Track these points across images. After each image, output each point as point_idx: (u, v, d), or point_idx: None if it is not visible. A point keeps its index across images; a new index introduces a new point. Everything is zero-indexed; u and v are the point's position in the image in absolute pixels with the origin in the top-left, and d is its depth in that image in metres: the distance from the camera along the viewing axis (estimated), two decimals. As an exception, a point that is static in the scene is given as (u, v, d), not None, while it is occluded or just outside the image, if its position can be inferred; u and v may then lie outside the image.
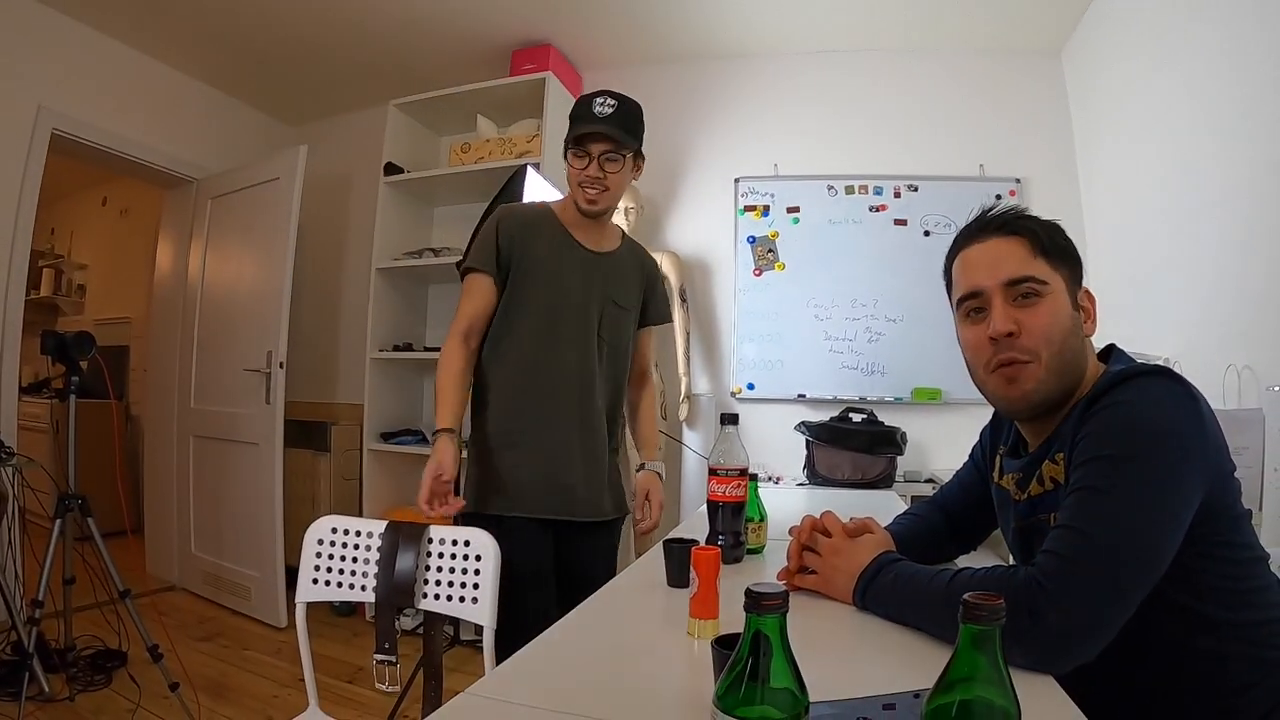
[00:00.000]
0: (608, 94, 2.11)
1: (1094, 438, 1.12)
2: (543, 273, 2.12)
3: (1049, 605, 1.00)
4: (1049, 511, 1.23)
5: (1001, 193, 4.07)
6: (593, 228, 2.21)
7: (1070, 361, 1.23)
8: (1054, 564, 1.03)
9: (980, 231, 1.30)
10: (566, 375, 2.11)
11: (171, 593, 4.43)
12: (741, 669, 0.70)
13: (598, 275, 2.18)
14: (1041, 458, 1.27)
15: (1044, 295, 1.22)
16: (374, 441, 4.28)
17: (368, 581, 1.85)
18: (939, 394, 4.04)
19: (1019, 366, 1.23)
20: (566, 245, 2.17)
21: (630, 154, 2.14)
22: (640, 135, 2.18)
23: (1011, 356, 1.23)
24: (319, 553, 1.87)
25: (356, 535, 1.88)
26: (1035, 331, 1.22)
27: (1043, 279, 1.23)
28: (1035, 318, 1.22)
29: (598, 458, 2.16)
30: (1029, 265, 1.23)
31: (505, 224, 2.16)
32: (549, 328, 2.10)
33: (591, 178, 2.07)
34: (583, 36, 4.32)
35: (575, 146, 2.08)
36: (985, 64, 4.23)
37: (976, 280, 1.27)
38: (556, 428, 2.09)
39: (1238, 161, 2.64)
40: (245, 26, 4.12)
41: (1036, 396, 1.24)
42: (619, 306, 2.22)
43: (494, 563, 1.79)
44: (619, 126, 2.08)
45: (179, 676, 2.90)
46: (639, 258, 2.35)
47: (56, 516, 2.86)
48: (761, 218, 4.35)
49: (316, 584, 1.86)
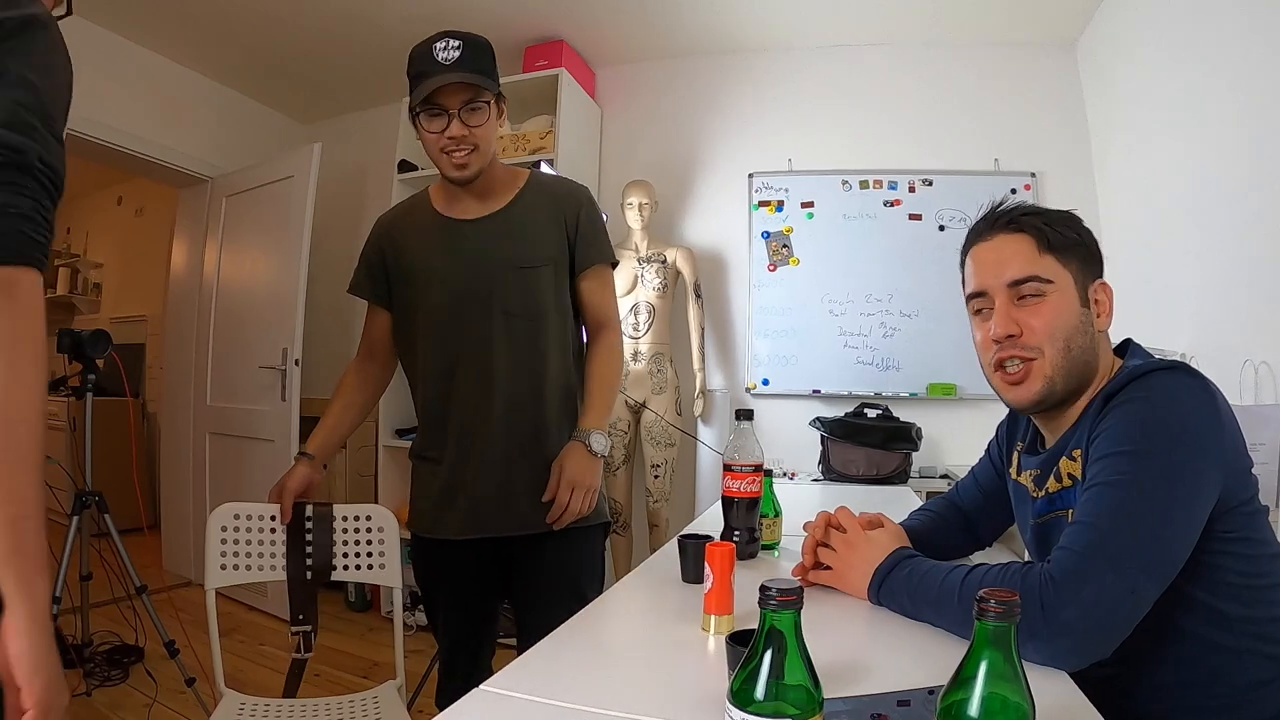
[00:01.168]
0: (448, 35, 1.78)
1: (1110, 434, 1.11)
2: (415, 271, 1.90)
3: (1064, 602, 1.00)
4: (1066, 508, 1.23)
5: (1017, 186, 4.05)
6: (472, 193, 1.89)
7: (1078, 358, 1.23)
8: (1069, 560, 1.03)
9: (988, 229, 1.30)
10: (462, 375, 1.85)
11: (188, 588, 4.46)
12: (756, 665, 0.70)
13: (482, 244, 1.87)
14: (1059, 454, 1.26)
15: (1048, 294, 1.23)
16: (389, 438, 4.29)
17: (276, 562, 1.97)
18: (954, 389, 4.02)
19: (1025, 365, 1.24)
20: (439, 228, 1.90)
21: (493, 98, 1.80)
22: (497, 75, 1.84)
23: (1013, 354, 1.24)
24: (224, 539, 1.96)
25: (260, 520, 1.98)
26: (1038, 330, 1.22)
27: (1047, 277, 1.23)
28: (1038, 317, 1.23)
29: (510, 461, 1.84)
30: (1034, 264, 1.23)
31: (375, 236, 1.99)
32: (434, 329, 1.87)
33: (455, 139, 1.76)
34: (595, 32, 4.31)
35: (426, 107, 1.76)
36: (1000, 57, 4.20)
37: (982, 280, 1.29)
38: (458, 438, 1.85)
39: (1254, 154, 2.61)
40: (258, 25, 4.14)
41: (1042, 394, 1.24)
42: (523, 268, 1.86)
43: (394, 532, 2.04)
44: (473, 69, 1.75)
45: (195, 672, 2.92)
46: (553, 197, 1.95)
47: (74, 513, 2.88)
48: (776, 213, 4.34)
49: (225, 569, 1.95)
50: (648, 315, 3.93)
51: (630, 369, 3.92)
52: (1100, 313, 1.26)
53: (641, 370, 3.91)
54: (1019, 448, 1.46)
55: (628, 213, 3.98)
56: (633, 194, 3.97)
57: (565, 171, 3.75)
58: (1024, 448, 1.44)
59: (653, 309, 3.94)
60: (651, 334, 3.93)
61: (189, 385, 4.78)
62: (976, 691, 0.67)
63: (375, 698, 1.95)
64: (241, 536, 1.96)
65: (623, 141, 4.63)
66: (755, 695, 0.69)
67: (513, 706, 0.92)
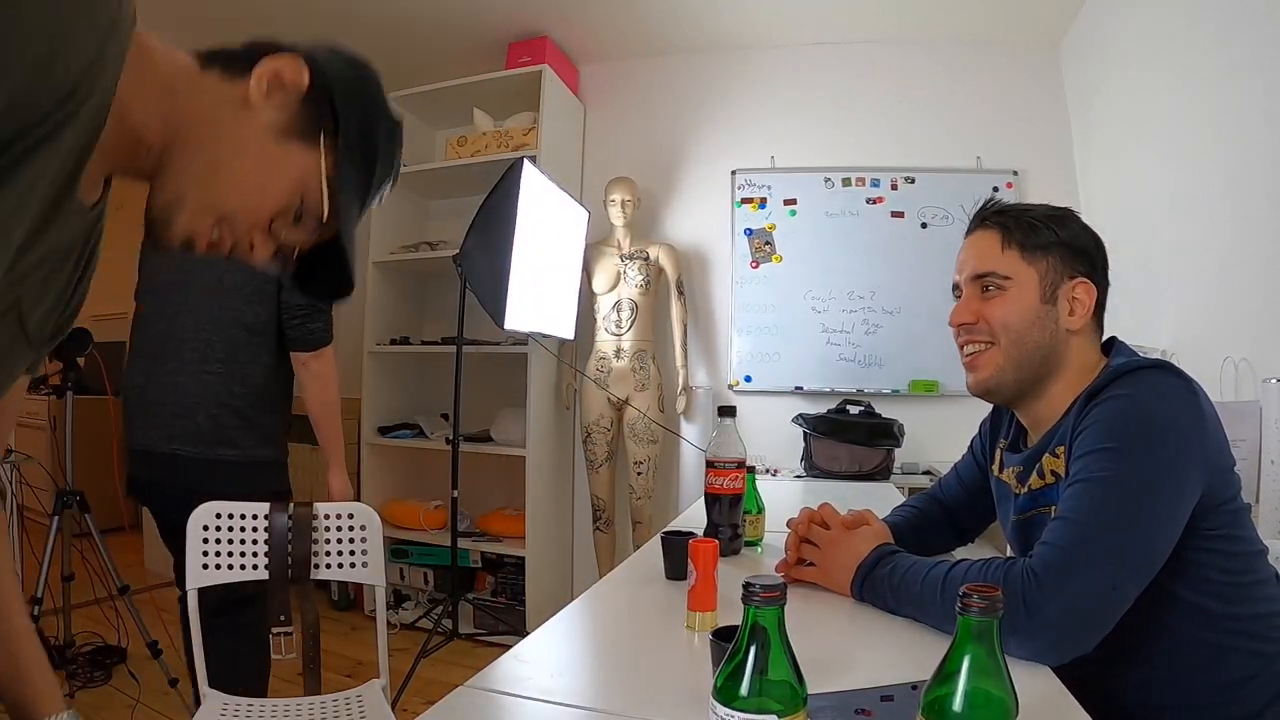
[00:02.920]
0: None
1: (1093, 430, 1.13)
2: None
3: (1046, 597, 1.01)
4: (1048, 504, 1.24)
5: (998, 184, 4.08)
6: None
7: (1032, 352, 1.27)
8: (1051, 555, 1.04)
9: (972, 224, 1.37)
10: None
11: (170, 588, 4.40)
12: (740, 661, 0.70)
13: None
14: (1042, 451, 1.28)
15: (1007, 289, 1.28)
16: (372, 436, 4.28)
17: (258, 561, 1.98)
18: (936, 386, 4.04)
19: (979, 353, 1.31)
20: None
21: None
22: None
23: (970, 339, 1.32)
24: (205, 539, 1.95)
25: (242, 519, 1.98)
26: (992, 320, 1.28)
27: (1004, 273, 1.28)
28: (993, 309, 1.28)
29: None
30: (994, 260, 1.29)
31: None
32: None
33: None
34: (579, 29, 4.30)
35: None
36: (983, 56, 4.22)
37: (957, 272, 1.37)
38: None
39: (1235, 154, 2.63)
40: (236, 18, 4.10)
41: (992, 380, 1.30)
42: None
43: (377, 531, 2.04)
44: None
45: (178, 672, 2.90)
46: None
47: (55, 513, 2.85)
48: (758, 210, 4.34)
49: (207, 569, 1.95)
50: (630, 312, 3.94)
51: (613, 366, 3.92)
52: (1073, 310, 1.27)
53: (624, 367, 3.91)
54: (1002, 445, 1.47)
55: (610, 209, 3.97)
56: (615, 191, 3.97)
57: (548, 168, 3.75)
58: (1007, 445, 1.45)
59: (635, 306, 3.94)
60: (634, 331, 3.93)
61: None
62: (960, 686, 0.67)
63: (359, 696, 1.94)
64: (223, 536, 1.96)
65: (606, 138, 4.62)
66: (739, 691, 0.69)
67: (497, 704, 0.92)
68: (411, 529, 4.17)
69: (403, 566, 4.25)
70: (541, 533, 4.04)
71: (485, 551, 4.11)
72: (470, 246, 3.36)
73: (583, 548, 4.42)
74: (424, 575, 4.25)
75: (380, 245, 4.36)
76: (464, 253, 3.37)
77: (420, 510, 4.18)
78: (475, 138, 4.27)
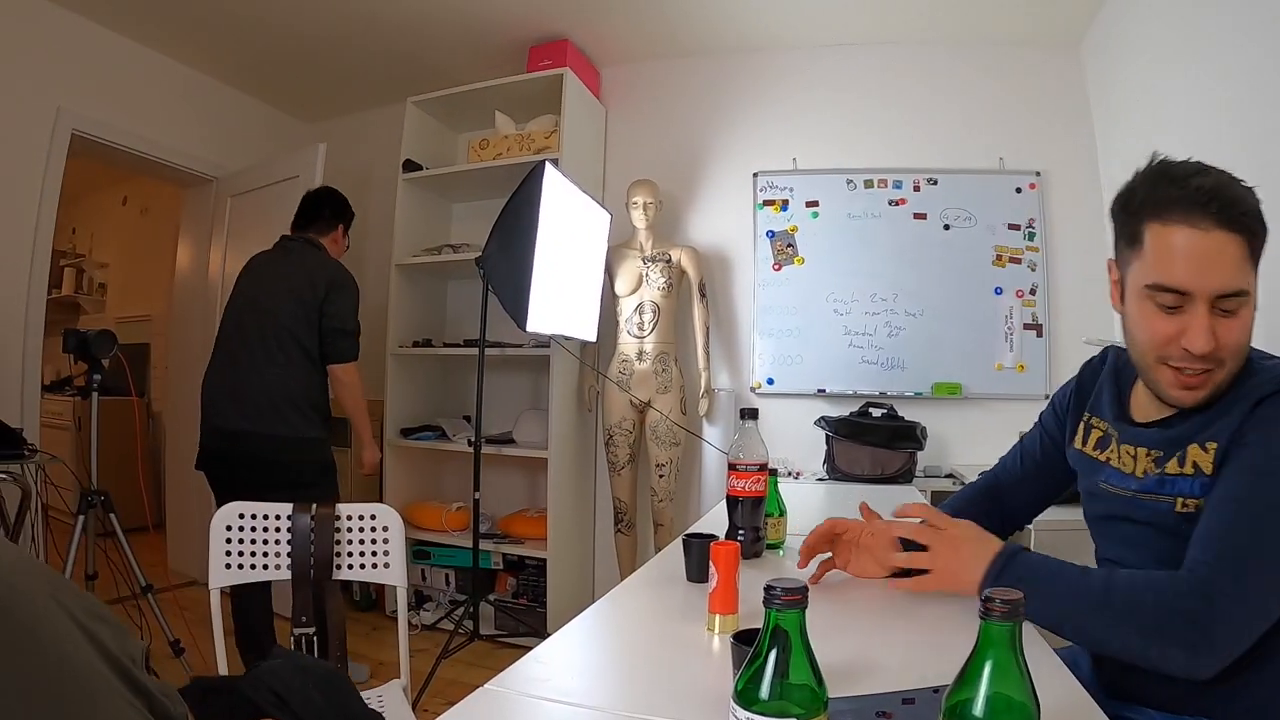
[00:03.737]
0: None
1: (1267, 444, 1.10)
2: None
3: (1219, 618, 1.00)
4: (1180, 496, 1.19)
5: (1021, 185, 4.05)
6: None
7: (1244, 359, 1.20)
8: (1228, 579, 1.03)
9: (1198, 208, 1.15)
10: None
11: (193, 588, 4.46)
12: (761, 664, 0.70)
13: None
14: (1189, 438, 1.21)
15: (1244, 305, 1.15)
16: (395, 437, 4.30)
17: (281, 561, 2.00)
18: (959, 389, 4.01)
19: (1206, 374, 1.17)
20: None
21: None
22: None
23: (1201, 367, 1.16)
24: (229, 539, 1.97)
25: (265, 519, 2.00)
26: (1229, 345, 1.15)
27: (1247, 289, 1.14)
28: (1231, 333, 1.14)
29: None
30: (1241, 275, 1.13)
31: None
32: None
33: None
34: (600, 31, 4.31)
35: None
36: (1005, 56, 4.19)
37: (1182, 279, 1.14)
38: None
39: (1259, 151, 2.60)
40: (262, 24, 4.14)
41: (1207, 399, 1.19)
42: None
43: (399, 532, 2.04)
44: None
45: (200, 671, 2.92)
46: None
47: (79, 513, 2.89)
48: (780, 212, 4.33)
49: (230, 569, 1.96)
50: (653, 314, 3.93)
51: (635, 368, 3.92)
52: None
53: (646, 370, 3.91)
54: (1097, 418, 1.41)
55: (633, 212, 3.98)
56: (637, 193, 3.97)
57: (570, 170, 3.75)
58: (1115, 415, 1.37)
59: (658, 308, 3.94)
60: (656, 333, 3.93)
61: (194, 385, 4.75)
62: (981, 691, 0.67)
63: (380, 696, 1.95)
64: (246, 536, 1.97)
65: (627, 141, 4.63)
66: (760, 694, 0.69)
67: (517, 705, 0.92)
68: (433, 530, 4.18)
69: (424, 568, 4.27)
70: (563, 535, 4.05)
71: (507, 553, 4.12)
72: (492, 249, 3.37)
73: (604, 550, 4.42)
74: (445, 576, 4.27)
75: (403, 248, 4.38)
76: (486, 255, 3.38)
77: (442, 512, 4.19)
78: (497, 140, 4.29)
